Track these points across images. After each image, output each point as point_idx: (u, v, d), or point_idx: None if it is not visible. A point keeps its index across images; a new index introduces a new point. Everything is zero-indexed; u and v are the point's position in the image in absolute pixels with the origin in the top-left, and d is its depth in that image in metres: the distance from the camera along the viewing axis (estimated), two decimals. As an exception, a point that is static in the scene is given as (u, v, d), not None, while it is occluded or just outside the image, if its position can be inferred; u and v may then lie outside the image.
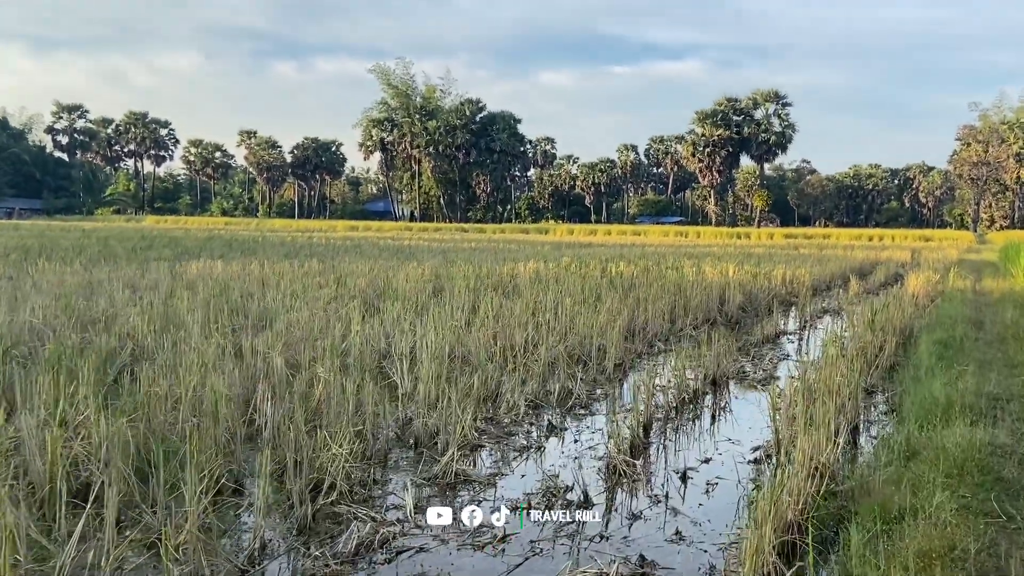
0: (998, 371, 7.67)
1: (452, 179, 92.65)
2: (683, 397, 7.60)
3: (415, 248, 31.98)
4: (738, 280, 16.72)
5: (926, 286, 16.48)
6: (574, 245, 41.23)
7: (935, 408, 6.02)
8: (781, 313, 15.13)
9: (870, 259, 31.09)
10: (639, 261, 20.31)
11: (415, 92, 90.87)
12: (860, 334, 10.08)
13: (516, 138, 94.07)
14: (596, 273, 16.42)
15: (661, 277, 15.85)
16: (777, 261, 24.31)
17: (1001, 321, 11.28)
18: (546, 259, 21.05)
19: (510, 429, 6.39)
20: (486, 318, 10.04)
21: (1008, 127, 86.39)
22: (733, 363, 9.83)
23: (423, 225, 75.37)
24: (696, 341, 11.57)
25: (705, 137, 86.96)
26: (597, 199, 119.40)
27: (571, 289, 13.38)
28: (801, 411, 6.21)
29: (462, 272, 15.54)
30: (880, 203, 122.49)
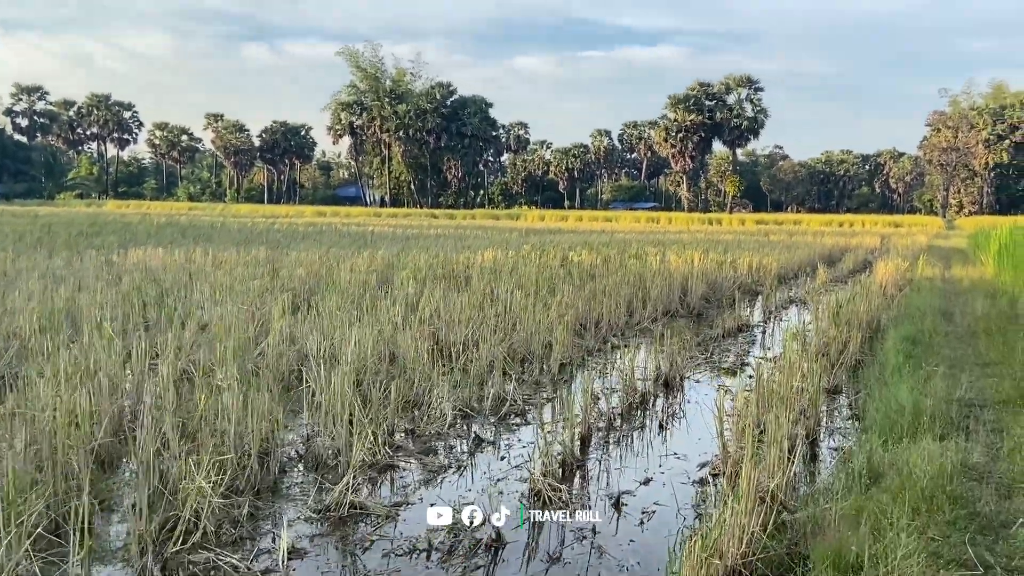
0: (969, 371, 7.09)
1: (423, 164, 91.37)
2: (630, 402, 6.94)
3: (378, 235, 31.08)
4: (702, 269, 16.14)
5: (895, 274, 16.00)
6: (543, 231, 40.54)
7: (901, 418, 5.41)
8: (747, 303, 14.55)
9: (840, 245, 30.76)
10: (602, 249, 19.66)
11: (385, 75, 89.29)
12: (824, 329, 9.50)
13: (488, 122, 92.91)
14: (555, 262, 15.73)
15: (622, 266, 15.21)
16: (745, 248, 23.82)
17: (971, 313, 10.77)
18: (507, 247, 20.32)
19: (431, 444, 5.68)
20: (426, 313, 9.31)
21: (977, 113, 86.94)
22: (689, 361, 9.22)
23: (393, 211, 74.17)
24: (654, 336, 10.96)
25: (677, 122, 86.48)
26: (571, 185, 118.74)
27: (525, 280, 12.68)
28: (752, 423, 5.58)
29: (414, 262, 14.77)
30: (851, 189, 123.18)
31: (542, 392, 7.45)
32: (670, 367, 8.29)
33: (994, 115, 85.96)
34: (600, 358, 9.30)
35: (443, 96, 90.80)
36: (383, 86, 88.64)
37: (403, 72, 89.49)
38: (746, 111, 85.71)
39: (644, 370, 8.44)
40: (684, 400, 7.43)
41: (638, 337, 10.84)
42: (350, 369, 6.07)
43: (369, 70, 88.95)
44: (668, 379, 7.91)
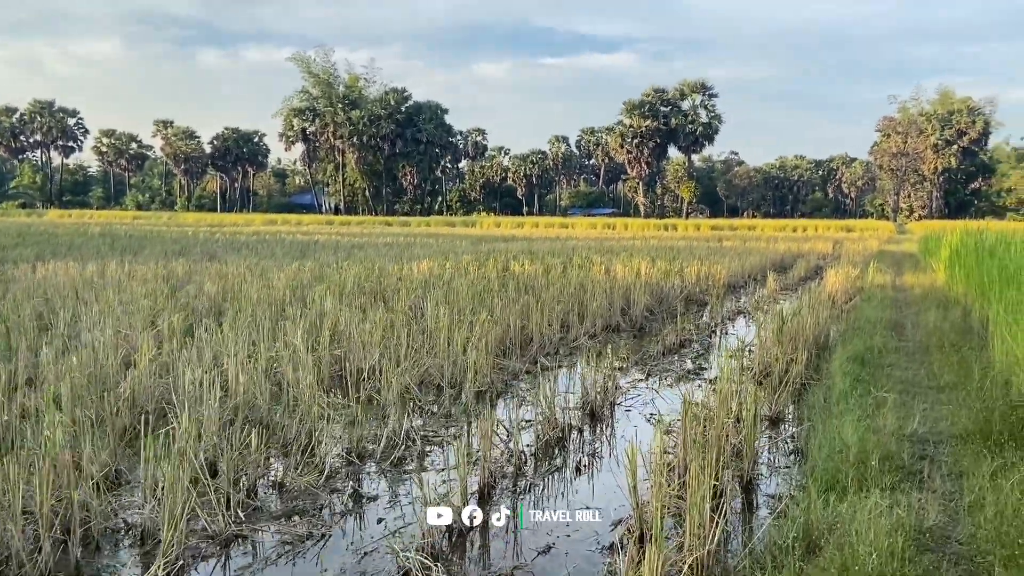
0: (923, 397, 6.40)
1: (378, 171, 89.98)
2: (548, 439, 6.10)
3: (323, 244, 30.00)
4: (648, 279, 15.45)
5: (845, 283, 15.49)
6: (497, 239, 39.77)
7: (845, 462, 4.66)
8: (693, 315, 13.88)
9: (792, 251, 30.47)
10: (547, 258, 18.88)
11: (337, 81, 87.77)
12: (768, 346, 8.79)
13: (444, 128, 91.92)
14: (493, 273, 14.88)
15: (563, 277, 14.42)
16: (697, 255, 23.26)
17: (923, 326, 10.18)
18: (446, 257, 19.42)
19: (298, 504, 4.77)
20: (331, 335, 8.39)
21: (926, 119, 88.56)
22: (624, 384, 8.44)
23: (346, 218, 72.67)
24: (590, 354, 10.18)
25: (633, 128, 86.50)
26: (529, 191, 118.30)
27: (456, 295, 11.81)
28: (679, 465, 4.79)
29: (340, 275, 13.80)
30: (805, 193, 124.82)
31: (452, 427, 6.58)
32: (600, 393, 7.50)
33: (942, 121, 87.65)
34: (528, 382, 8.47)
35: (398, 102, 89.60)
36: (336, 92, 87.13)
37: (356, 78, 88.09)
38: (700, 117, 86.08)
39: (571, 397, 7.62)
40: (610, 435, 6.62)
41: (573, 356, 10.04)
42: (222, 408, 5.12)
43: (322, 76, 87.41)
44: (595, 408, 7.10)
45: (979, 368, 6.78)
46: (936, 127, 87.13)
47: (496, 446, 5.90)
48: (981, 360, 7.29)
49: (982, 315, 10.03)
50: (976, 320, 10.02)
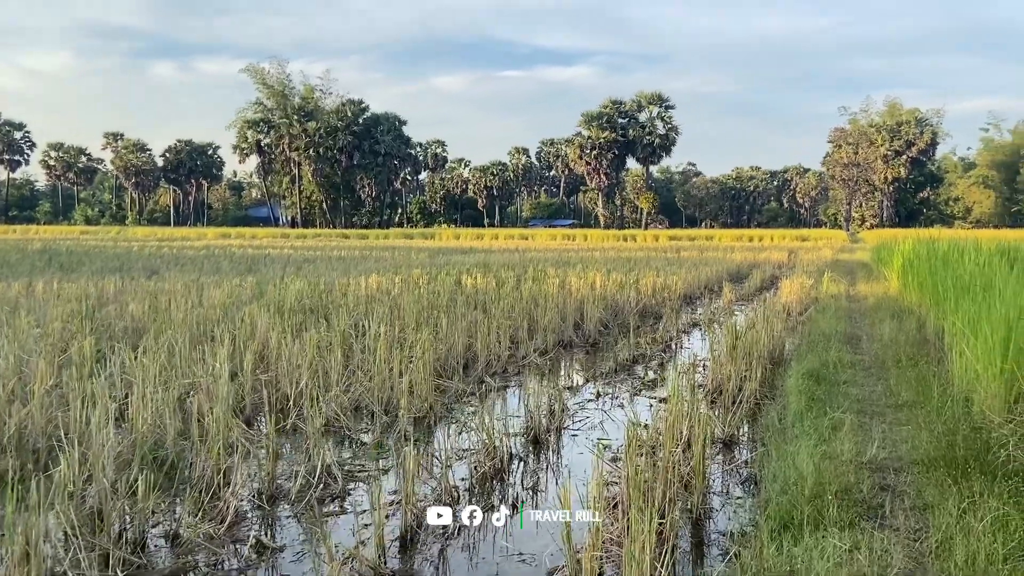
0: (881, 417, 6.07)
1: (335, 183, 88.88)
2: (485, 472, 5.61)
3: (274, 258, 29.20)
4: (603, 292, 15.09)
5: (800, 293, 15.32)
6: (455, 251, 39.28)
7: (801, 496, 4.25)
8: (648, 328, 13.52)
9: (748, 261, 30.50)
10: (501, 271, 18.43)
11: (293, 92, 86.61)
12: (721, 362, 8.42)
13: (402, 140, 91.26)
14: (444, 287, 14.36)
15: (516, 290, 13.97)
16: (654, 266, 23.05)
17: (879, 338, 9.94)
18: (399, 270, 18.87)
19: (192, 558, 4.20)
20: (260, 360, 7.82)
21: (875, 130, 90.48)
22: (573, 403, 8.00)
23: (302, 231, 71.47)
24: (541, 372, 9.74)
25: (591, 139, 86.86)
26: (490, 202, 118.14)
27: (402, 311, 11.28)
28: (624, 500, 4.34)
29: (279, 292, 13.16)
30: (761, 204, 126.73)
31: (380, 460, 6.05)
32: (546, 416, 7.05)
33: (891, 132, 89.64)
34: (472, 404, 7.97)
35: (355, 113, 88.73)
36: (291, 103, 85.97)
37: (311, 89, 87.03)
38: (658, 128, 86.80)
39: (516, 421, 7.15)
40: (554, 463, 6.16)
41: (522, 375, 9.57)
42: (70, 471, 4.53)
43: (276, 87, 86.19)
44: (539, 434, 6.63)
45: (938, 385, 6.48)
46: (885, 138, 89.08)
47: (426, 482, 5.41)
48: (940, 375, 7.00)
49: (937, 326, 9.83)
50: (932, 332, 9.81)
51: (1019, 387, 5.47)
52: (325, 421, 6.84)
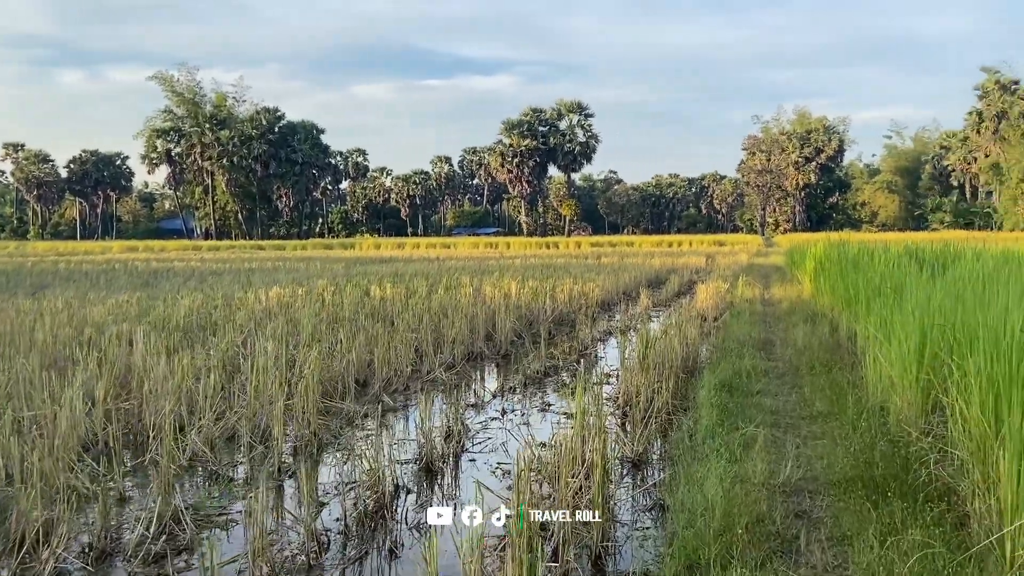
0: (795, 431, 5.69)
1: (251, 193, 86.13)
2: (365, 509, 4.95)
3: (178, 271, 27.68)
4: (518, 300, 14.59)
5: (715, 298, 15.16)
6: (374, 261, 38.28)
7: (708, 529, 3.76)
8: (566, 336, 13.06)
9: (667, 266, 30.60)
10: (413, 280, 17.74)
11: (204, 100, 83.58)
12: (634, 373, 7.98)
13: (320, 149, 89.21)
14: (351, 299, 13.59)
15: (426, 301, 13.32)
16: (574, 273, 22.72)
17: (792, 343, 9.71)
18: (306, 281, 17.94)
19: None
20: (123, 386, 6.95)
21: (787, 137, 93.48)
22: (477, 422, 7.41)
23: (216, 243, 68.82)
24: (445, 388, 9.11)
25: (513, 147, 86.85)
26: (413, 211, 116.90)
27: (296, 325, 10.49)
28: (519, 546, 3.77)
29: (165, 309, 12.15)
30: (680, 210, 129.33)
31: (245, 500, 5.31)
32: (444, 439, 6.44)
33: (801, 139, 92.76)
34: (366, 427, 7.29)
35: (270, 122, 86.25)
36: (203, 111, 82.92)
37: (224, 96, 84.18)
38: (578, 136, 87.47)
39: (409, 446, 6.52)
40: (447, 496, 5.53)
41: (426, 391, 8.91)
42: None
43: (186, 95, 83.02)
44: (432, 461, 6.00)
45: (853, 394, 6.17)
46: (796, 145, 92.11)
47: (293, 526, 4.72)
48: (854, 383, 6.71)
49: (850, 329, 9.68)
50: (845, 335, 9.64)
51: (936, 395, 5.16)
52: (191, 455, 6.06)
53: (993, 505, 3.60)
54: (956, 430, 4.27)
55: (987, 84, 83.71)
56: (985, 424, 3.81)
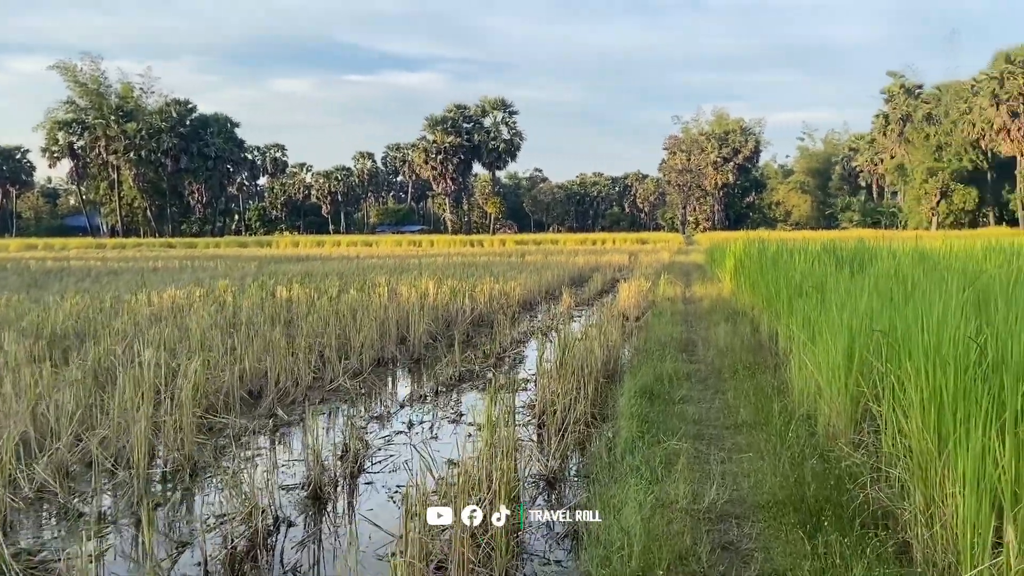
0: (719, 444, 5.27)
1: (161, 188, 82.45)
2: (231, 549, 4.25)
3: (73, 271, 25.92)
4: (436, 301, 13.96)
5: (637, 297, 14.88)
6: (290, 259, 36.94)
7: (625, 570, 3.24)
8: (485, 338, 12.49)
9: (591, 264, 30.46)
10: (326, 280, 16.88)
11: (109, 91, 79.47)
12: (552, 378, 7.48)
13: (235, 143, 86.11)
14: (253, 301, 12.68)
15: (335, 302, 12.53)
16: (497, 271, 22.20)
17: (714, 343, 9.40)
18: (210, 281, 16.85)
19: None
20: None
21: (706, 138, 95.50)
22: (380, 438, 6.77)
23: (122, 241, 65.51)
24: (350, 398, 8.42)
25: (437, 144, 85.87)
26: (335, 208, 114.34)
27: (185, 331, 9.59)
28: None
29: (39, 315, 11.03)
30: (604, 208, 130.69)
31: (103, 537, 4.55)
32: (336, 460, 5.78)
33: (719, 140, 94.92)
34: (253, 446, 6.55)
35: (181, 114, 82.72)
36: (108, 103, 78.80)
37: (130, 88, 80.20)
38: (503, 133, 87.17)
39: (298, 468, 5.83)
40: (335, 529, 4.88)
41: (328, 401, 8.22)
42: None
43: (90, 85, 78.76)
44: (322, 486, 5.33)
45: (779, 400, 5.80)
46: (715, 145, 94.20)
47: None
48: (779, 388, 6.37)
49: (771, 328, 9.44)
50: (766, 335, 9.39)
51: (865, 402, 4.81)
52: (39, 486, 5.23)
53: (939, 534, 3.21)
54: (891, 444, 3.90)
55: (893, 88, 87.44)
56: (928, 441, 3.42)
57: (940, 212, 76.47)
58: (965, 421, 3.08)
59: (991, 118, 65.54)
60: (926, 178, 76.42)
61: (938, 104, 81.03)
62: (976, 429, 2.95)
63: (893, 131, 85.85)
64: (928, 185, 76.25)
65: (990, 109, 64.99)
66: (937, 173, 75.58)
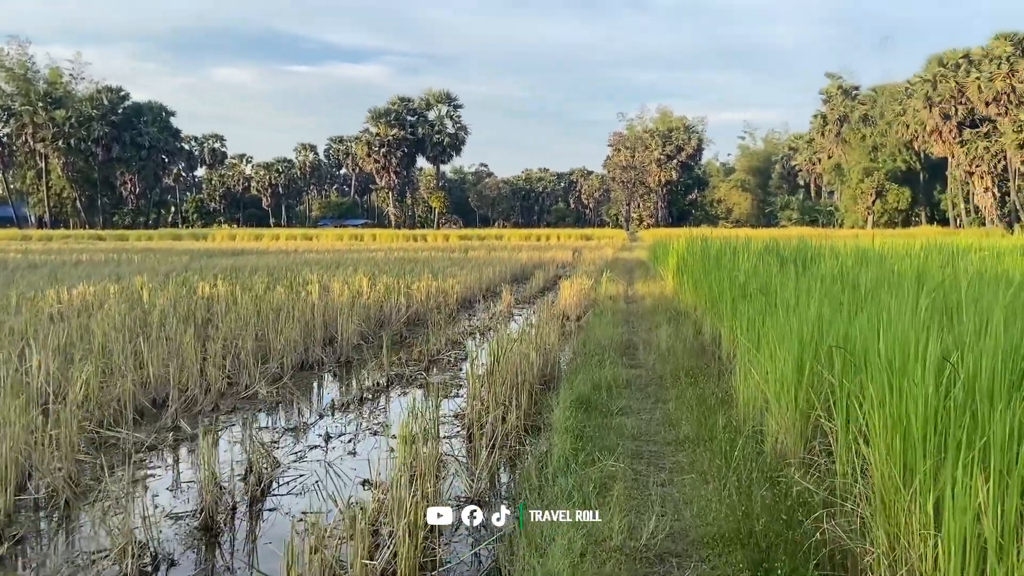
0: (659, 463, 4.82)
1: (91, 178, 79.14)
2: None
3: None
4: (370, 299, 13.31)
5: (579, 295, 14.47)
6: (225, 253, 35.60)
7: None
8: (418, 340, 11.89)
9: (534, 260, 30.05)
10: (254, 276, 16.02)
11: (37, 77, 75.85)
12: (485, 386, 6.96)
13: (170, 132, 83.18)
14: (169, 298, 11.82)
15: (259, 300, 11.76)
16: (437, 267, 21.56)
17: (656, 347, 9.01)
18: (123, 277, 15.83)
19: None
20: None
21: (650, 135, 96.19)
22: (293, 454, 6.15)
23: (48, 233, 62.55)
24: (267, 407, 7.77)
25: (380, 137, 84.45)
26: (276, 201, 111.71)
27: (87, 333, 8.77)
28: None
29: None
30: (550, 204, 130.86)
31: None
32: (238, 482, 5.16)
33: (663, 137, 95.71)
34: (150, 463, 5.86)
35: (113, 102, 79.46)
36: (35, 89, 75.20)
37: (58, 73, 76.69)
38: (447, 127, 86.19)
39: (191, 492, 5.18)
40: (227, 566, 4.26)
41: (241, 411, 7.55)
42: None
43: (16, 70, 75.05)
44: (214, 516, 4.70)
45: (723, 413, 5.39)
46: (658, 143, 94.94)
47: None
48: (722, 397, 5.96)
49: (714, 330, 9.10)
50: (709, 337, 9.04)
51: (816, 415, 4.41)
52: None
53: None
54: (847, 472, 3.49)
55: (831, 89, 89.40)
56: (892, 472, 3.00)
57: (875, 211, 78.50)
58: (936, 453, 2.67)
59: (924, 120, 67.42)
60: (862, 178, 78.33)
61: (874, 105, 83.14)
62: (954, 466, 2.53)
63: (831, 131, 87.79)
64: (864, 185, 78.18)
65: (923, 111, 66.84)
66: (872, 173, 77.55)
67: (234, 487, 5.10)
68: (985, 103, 61.22)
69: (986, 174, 63.77)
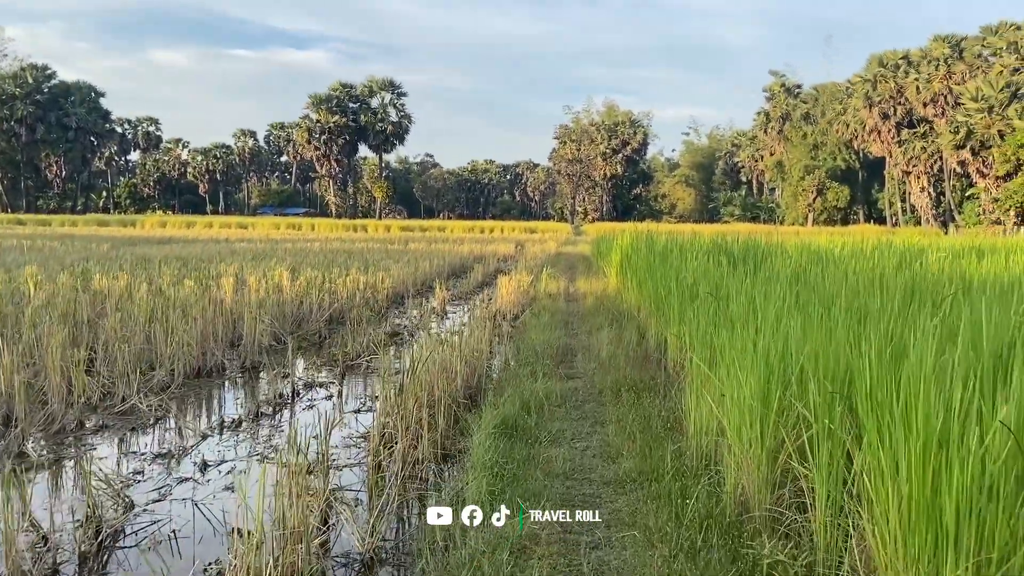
0: (593, 510, 3.91)
1: (14, 160, 75.04)
2: None
3: None
4: (290, 295, 12.16)
5: (517, 293, 13.57)
6: (150, 241, 33.66)
7: None
8: (337, 342, 10.78)
9: (475, 253, 29.05)
10: (164, 267, 14.66)
11: (-47, 50, 71.48)
12: (395, 405, 5.97)
13: (99, 114, 79.40)
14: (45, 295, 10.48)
15: (160, 295, 10.51)
16: (370, 260, 20.39)
17: (596, 354, 8.15)
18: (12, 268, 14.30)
19: None
20: None
21: (596, 128, 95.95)
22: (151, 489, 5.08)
23: (-38, 217, 58.94)
24: (143, 425, 6.64)
25: (321, 123, 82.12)
26: (213, 188, 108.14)
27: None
28: None
29: None
30: (495, 196, 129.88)
31: None
32: (70, 531, 4.10)
33: (609, 131, 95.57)
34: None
35: (38, 80, 75.42)
36: (-49, 63, 70.90)
37: (-24, 47, 72.47)
38: (391, 115, 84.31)
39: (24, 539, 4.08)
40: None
41: (110, 429, 6.41)
42: None
43: (-69, 43, 70.63)
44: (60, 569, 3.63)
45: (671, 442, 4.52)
46: (604, 136, 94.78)
47: None
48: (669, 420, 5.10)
49: (659, 336, 8.29)
50: (653, 343, 8.22)
51: (787, 453, 3.57)
52: None
53: None
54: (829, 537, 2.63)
55: (774, 87, 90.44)
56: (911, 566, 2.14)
57: (816, 208, 79.71)
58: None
59: (864, 119, 68.54)
60: (803, 175, 79.44)
61: (815, 104, 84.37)
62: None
63: (773, 129, 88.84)
64: (805, 182, 79.30)
65: (863, 111, 67.92)
66: (813, 171, 78.71)
67: (60, 541, 4.04)
68: (923, 104, 62.46)
69: (923, 174, 65.16)
